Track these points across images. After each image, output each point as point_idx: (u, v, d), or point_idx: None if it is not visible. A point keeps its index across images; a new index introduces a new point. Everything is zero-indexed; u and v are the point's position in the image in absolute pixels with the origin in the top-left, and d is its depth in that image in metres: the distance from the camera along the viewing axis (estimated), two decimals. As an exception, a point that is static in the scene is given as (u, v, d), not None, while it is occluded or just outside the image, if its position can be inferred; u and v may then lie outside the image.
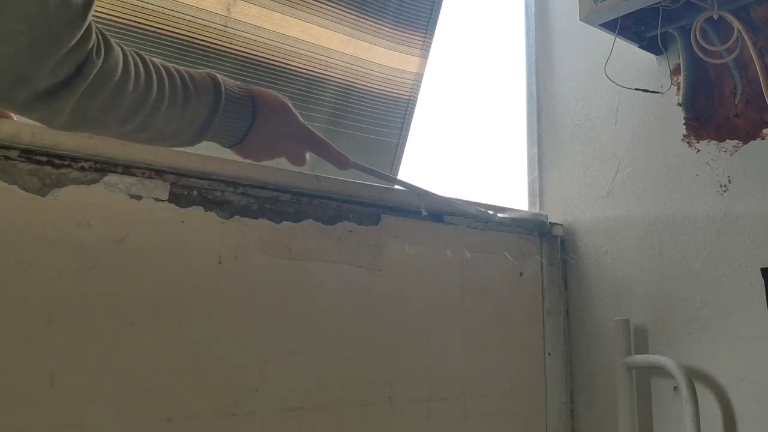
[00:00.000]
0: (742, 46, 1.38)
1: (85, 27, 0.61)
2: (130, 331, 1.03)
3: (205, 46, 1.36)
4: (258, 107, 0.84)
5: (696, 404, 1.35)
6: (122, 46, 0.70)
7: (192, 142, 0.83)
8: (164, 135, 0.78)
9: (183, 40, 1.33)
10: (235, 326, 1.15)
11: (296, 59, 1.46)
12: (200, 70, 0.81)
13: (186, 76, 0.77)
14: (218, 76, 0.82)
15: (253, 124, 0.83)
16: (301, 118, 0.90)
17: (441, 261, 1.47)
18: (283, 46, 1.44)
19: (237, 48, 1.39)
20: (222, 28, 1.37)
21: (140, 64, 0.71)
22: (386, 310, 1.35)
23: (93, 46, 0.63)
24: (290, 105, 0.88)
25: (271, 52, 1.43)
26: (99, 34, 0.66)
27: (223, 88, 0.81)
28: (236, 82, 0.85)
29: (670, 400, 1.47)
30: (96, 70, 0.64)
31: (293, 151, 0.92)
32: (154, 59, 0.74)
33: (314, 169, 1.29)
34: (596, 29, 1.48)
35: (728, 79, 1.46)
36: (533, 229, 1.66)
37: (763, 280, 1.35)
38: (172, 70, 0.76)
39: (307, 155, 0.96)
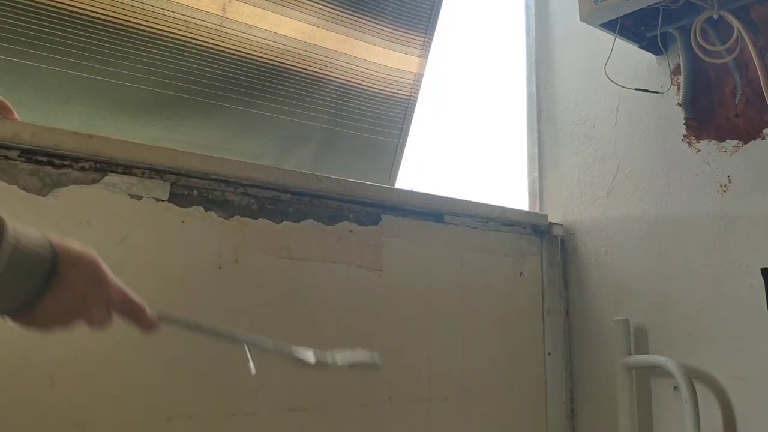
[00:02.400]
0: (742, 46, 1.38)
1: None
2: (130, 331, 1.03)
3: (200, 45, 1.36)
4: (60, 264, 0.64)
5: (696, 404, 1.35)
6: None
7: None
8: None
9: (179, 40, 1.33)
10: (235, 326, 1.14)
11: (291, 58, 1.46)
12: None
13: None
14: (2, 218, 0.60)
15: (50, 287, 0.64)
16: (111, 275, 0.71)
17: (441, 261, 1.47)
18: (277, 45, 1.45)
19: (232, 47, 1.40)
20: (217, 27, 1.37)
21: None
22: (386, 310, 1.35)
23: None
24: (100, 260, 0.68)
25: (266, 51, 1.43)
26: None
27: (11, 232, 0.61)
28: (31, 228, 0.64)
29: (670, 400, 1.46)
30: None
31: (98, 314, 0.73)
32: None
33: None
34: (596, 29, 1.48)
35: (728, 79, 1.46)
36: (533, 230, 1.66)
37: (763, 280, 1.35)
38: None
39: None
